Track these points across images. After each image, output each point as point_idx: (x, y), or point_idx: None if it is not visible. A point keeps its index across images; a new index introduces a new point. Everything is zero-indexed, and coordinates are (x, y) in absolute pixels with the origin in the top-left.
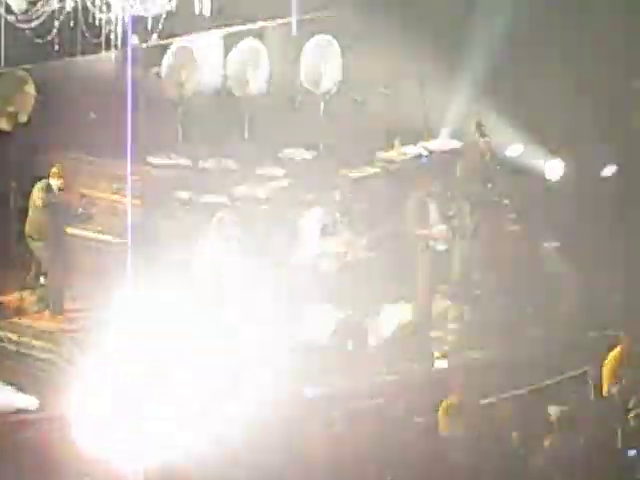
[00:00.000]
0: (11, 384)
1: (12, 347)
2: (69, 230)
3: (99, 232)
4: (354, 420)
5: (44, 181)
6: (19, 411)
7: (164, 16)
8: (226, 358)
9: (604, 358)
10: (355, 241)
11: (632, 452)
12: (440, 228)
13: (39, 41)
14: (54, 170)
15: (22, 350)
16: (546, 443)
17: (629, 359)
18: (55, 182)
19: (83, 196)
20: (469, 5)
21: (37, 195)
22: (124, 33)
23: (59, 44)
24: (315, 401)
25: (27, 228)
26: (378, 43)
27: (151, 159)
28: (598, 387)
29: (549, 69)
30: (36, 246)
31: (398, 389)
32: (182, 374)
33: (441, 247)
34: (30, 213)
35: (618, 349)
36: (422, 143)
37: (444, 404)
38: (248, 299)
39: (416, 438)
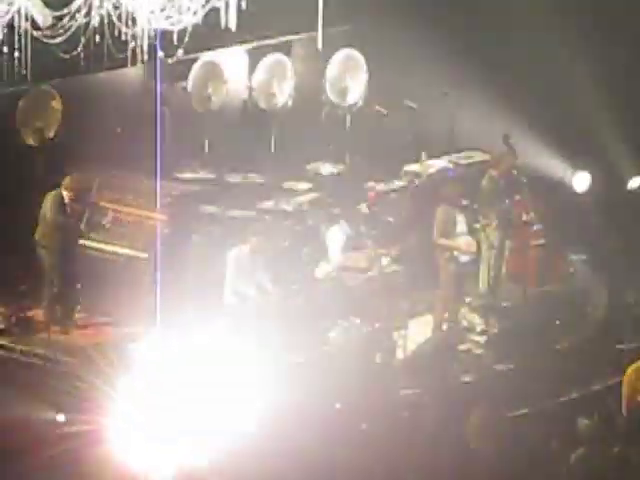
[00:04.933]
0: (39, 399)
1: (39, 362)
2: (95, 244)
3: (126, 247)
4: (380, 433)
5: (56, 192)
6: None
7: (190, 30)
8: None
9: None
10: (381, 254)
11: None
12: (467, 239)
13: (65, 56)
14: (66, 182)
15: (48, 365)
16: (575, 456)
17: None
18: (67, 194)
19: (99, 207)
20: (498, 19)
21: (48, 205)
22: (150, 48)
23: (85, 59)
24: (343, 413)
25: (37, 236)
26: (404, 56)
27: (178, 173)
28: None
29: (579, 82)
30: (43, 254)
31: (425, 402)
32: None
33: (465, 258)
34: (41, 222)
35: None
36: (449, 156)
37: (472, 417)
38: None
39: (443, 451)
